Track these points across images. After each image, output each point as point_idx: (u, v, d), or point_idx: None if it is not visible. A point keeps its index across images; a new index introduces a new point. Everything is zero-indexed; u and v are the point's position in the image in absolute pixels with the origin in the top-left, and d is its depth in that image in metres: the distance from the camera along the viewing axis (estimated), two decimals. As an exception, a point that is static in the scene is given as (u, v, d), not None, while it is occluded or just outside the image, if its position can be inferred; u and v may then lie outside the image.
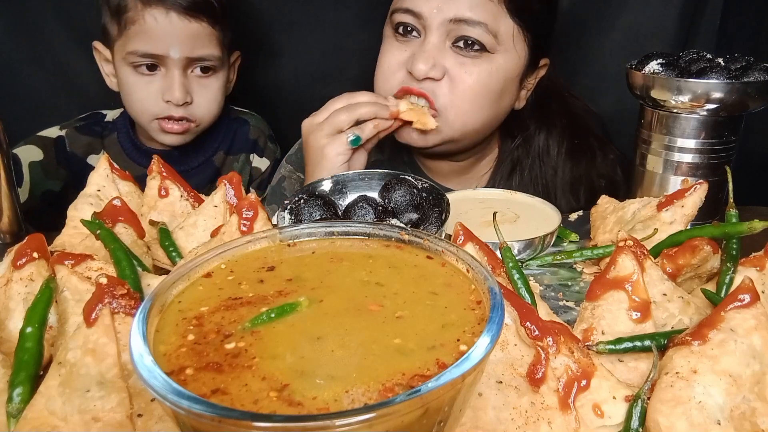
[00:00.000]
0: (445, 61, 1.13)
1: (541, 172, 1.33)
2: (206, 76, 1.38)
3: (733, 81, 0.92)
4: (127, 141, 1.50)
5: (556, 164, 1.33)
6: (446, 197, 0.91)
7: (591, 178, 1.34)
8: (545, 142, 1.33)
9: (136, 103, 1.37)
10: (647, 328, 0.63)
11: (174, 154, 1.48)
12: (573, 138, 1.34)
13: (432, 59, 1.12)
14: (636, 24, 1.62)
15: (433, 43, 1.13)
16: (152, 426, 0.52)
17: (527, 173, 1.33)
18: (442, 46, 1.14)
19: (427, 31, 1.14)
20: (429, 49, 1.13)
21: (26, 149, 1.40)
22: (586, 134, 1.36)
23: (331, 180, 0.98)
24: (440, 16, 1.11)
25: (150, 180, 0.91)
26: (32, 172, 1.38)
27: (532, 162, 1.33)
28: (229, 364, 0.41)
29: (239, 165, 1.56)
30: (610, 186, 1.34)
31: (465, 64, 1.14)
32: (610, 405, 0.55)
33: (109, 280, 0.55)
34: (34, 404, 0.52)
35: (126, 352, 0.53)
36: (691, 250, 0.74)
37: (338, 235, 0.58)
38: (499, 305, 0.44)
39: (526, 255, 0.90)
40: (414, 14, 1.14)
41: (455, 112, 1.16)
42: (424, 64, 1.12)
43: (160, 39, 1.28)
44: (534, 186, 1.33)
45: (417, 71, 1.12)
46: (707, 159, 0.98)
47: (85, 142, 1.47)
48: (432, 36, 1.13)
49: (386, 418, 0.35)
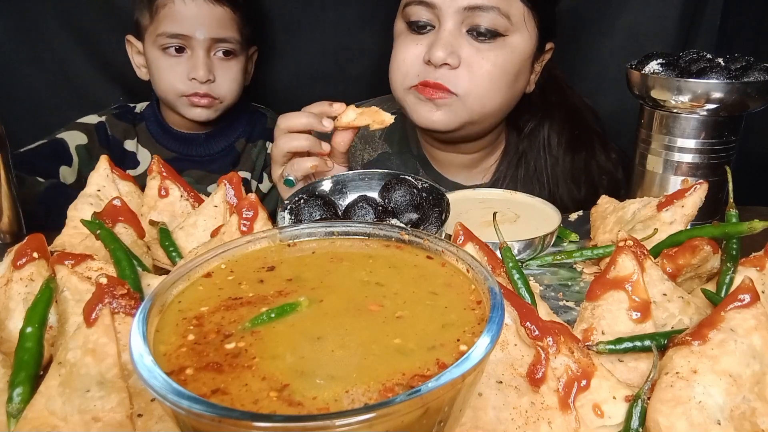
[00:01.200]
0: (461, 50, 1.15)
1: (545, 164, 1.34)
2: (227, 59, 1.51)
3: (733, 81, 0.92)
4: (156, 126, 1.61)
5: (557, 155, 1.35)
6: (446, 197, 0.91)
7: (591, 169, 1.35)
8: (547, 133, 1.35)
9: (165, 82, 1.49)
10: (647, 328, 0.63)
11: (200, 138, 1.60)
12: (573, 129, 1.36)
13: (450, 46, 1.14)
14: (636, 24, 1.62)
15: (449, 30, 1.14)
16: (152, 426, 0.52)
17: (532, 165, 1.35)
18: (457, 34, 1.15)
19: (442, 21, 1.15)
20: (445, 37, 1.14)
21: (71, 134, 1.51)
22: (585, 126, 1.38)
23: (331, 180, 0.98)
24: (454, 5, 1.13)
25: (150, 180, 0.91)
26: (79, 154, 1.50)
27: (536, 154, 1.35)
28: (229, 364, 0.41)
29: (257, 150, 1.67)
30: (612, 183, 1.35)
31: (481, 50, 1.15)
32: (610, 405, 0.55)
33: (109, 280, 0.55)
34: (34, 404, 0.52)
35: (126, 352, 0.53)
36: (691, 250, 0.74)
37: (338, 235, 0.59)
38: (499, 305, 0.44)
39: (526, 255, 0.90)
40: (428, 5, 1.15)
41: (474, 95, 1.17)
42: (442, 51, 1.13)
43: (187, 21, 1.44)
44: (538, 177, 1.34)
45: (436, 58, 1.13)
46: (707, 159, 0.98)
47: (122, 128, 1.59)
48: (447, 24, 1.14)
49: (386, 418, 0.35)
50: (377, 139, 1.43)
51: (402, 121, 1.44)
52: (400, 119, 1.43)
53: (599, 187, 1.34)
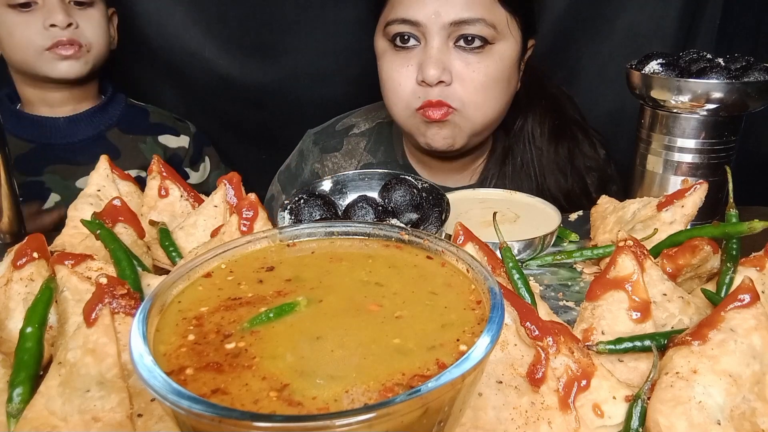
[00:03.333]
0: (451, 64, 1.14)
1: (531, 157, 1.34)
2: (84, 8, 1.38)
3: (733, 81, 0.92)
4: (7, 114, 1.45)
5: (541, 146, 1.34)
6: (446, 197, 0.91)
7: (575, 157, 1.35)
8: (531, 125, 1.35)
9: (19, 41, 1.34)
10: (647, 328, 0.63)
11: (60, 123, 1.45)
12: (554, 119, 1.36)
13: (441, 63, 1.13)
14: (636, 24, 1.62)
15: (436, 47, 1.13)
16: (152, 426, 0.52)
17: (519, 159, 1.34)
18: (445, 48, 1.14)
19: (428, 37, 1.14)
20: (434, 54, 1.13)
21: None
22: (565, 115, 1.38)
23: (331, 180, 0.98)
24: (439, 21, 1.12)
25: (150, 180, 0.91)
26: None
27: (522, 148, 1.34)
28: (229, 364, 0.41)
29: (148, 146, 1.54)
30: (603, 177, 1.35)
31: (470, 63, 1.15)
32: (610, 405, 0.55)
33: (109, 280, 0.55)
34: (34, 404, 0.52)
35: (126, 352, 0.53)
36: (691, 250, 0.74)
37: (338, 235, 0.58)
38: (499, 305, 0.44)
39: (526, 255, 0.90)
40: (412, 23, 1.14)
41: (473, 107, 1.18)
42: (434, 69, 1.12)
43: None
44: (525, 171, 1.34)
45: (430, 77, 1.13)
46: (707, 159, 0.98)
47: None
48: (434, 41, 1.13)
49: (386, 418, 0.35)
50: (361, 150, 1.42)
51: (386, 131, 1.43)
52: (385, 129, 1.43)
53: (586, 177, 1.34)
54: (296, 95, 1.72)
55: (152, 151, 1.50)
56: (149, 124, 1.56)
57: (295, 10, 1.64)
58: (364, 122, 1.46)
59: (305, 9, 1.64)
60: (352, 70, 1.68)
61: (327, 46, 1.67)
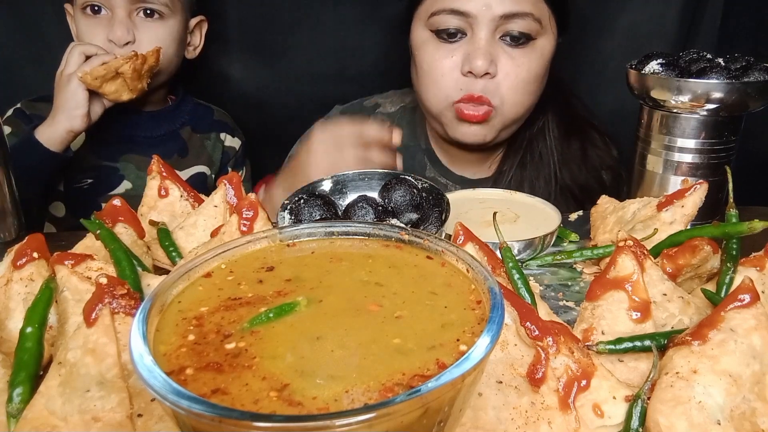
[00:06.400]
0: (497, 57, 1.15)
1: (550, 150, 1.36)
2: (151, 19, 1.38)
3: (733, 81, 0.92)
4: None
5: (559, 139, 1.36)
6: (446, 197, 0.91)
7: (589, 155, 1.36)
8: (549, 119, 1.36)
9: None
10: (647, 328, 0.63)
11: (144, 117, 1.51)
12: (569, 115, 1.37)
13: (489, 55, 1.14)
14: (636, 24, 1.62)
15: (485, 39, 1.14)
16: (152, 426, 0.52)
17: (538, 152, 1.36)
18: (492, 41, 1.15)
19: (476, 29, 1.14)
20: (483, 46, 1.14)
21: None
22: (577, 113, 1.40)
23: (331, 180, 0.98)
24: (489, 13, 1.12)
25: (150, 180, 0.91)
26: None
27: (542, 141, 1.36)
28: (229, 364, 0.41)
29: (211, 143, 1.61)
30: (616, 177, 1.36)
31: (515, 57, 1.16)
32: (610, 405, 0.55)
33: (109, 280, 0.55)
34: (34, 404, 0.52)
35: (126, 352, 0.53)
36: (691, 250, 0.74)
37: (338, 235, 0.58)
38: (499, 305, 0.44)
39: (526, 255, 0.90)
40: (460, 13, 1.14)
41: (510, 104, 1.19)
42: (483, 60, 1.13)
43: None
44: (543, 163, 1.35)
45: (478, 69, 1.13)
46: (707, 159, 0.98)
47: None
48: (482, 32, 1.14)
49: (386, 418, 0.35)
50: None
51: (409, 116, 1.44)
52: (408, 114, 1.44)
53: (601, 172, 1.35)
54: (296, 95, 1.72)
55: (215, 148, 1.60)
56: (213, 121, 1.62)
57: (295, 10, 1.64)
58: (389, 105, 1.48)
59: (305, 9, 1.64)
60: (352, 70, 1.68)
61: (327, 46, 1.67)
